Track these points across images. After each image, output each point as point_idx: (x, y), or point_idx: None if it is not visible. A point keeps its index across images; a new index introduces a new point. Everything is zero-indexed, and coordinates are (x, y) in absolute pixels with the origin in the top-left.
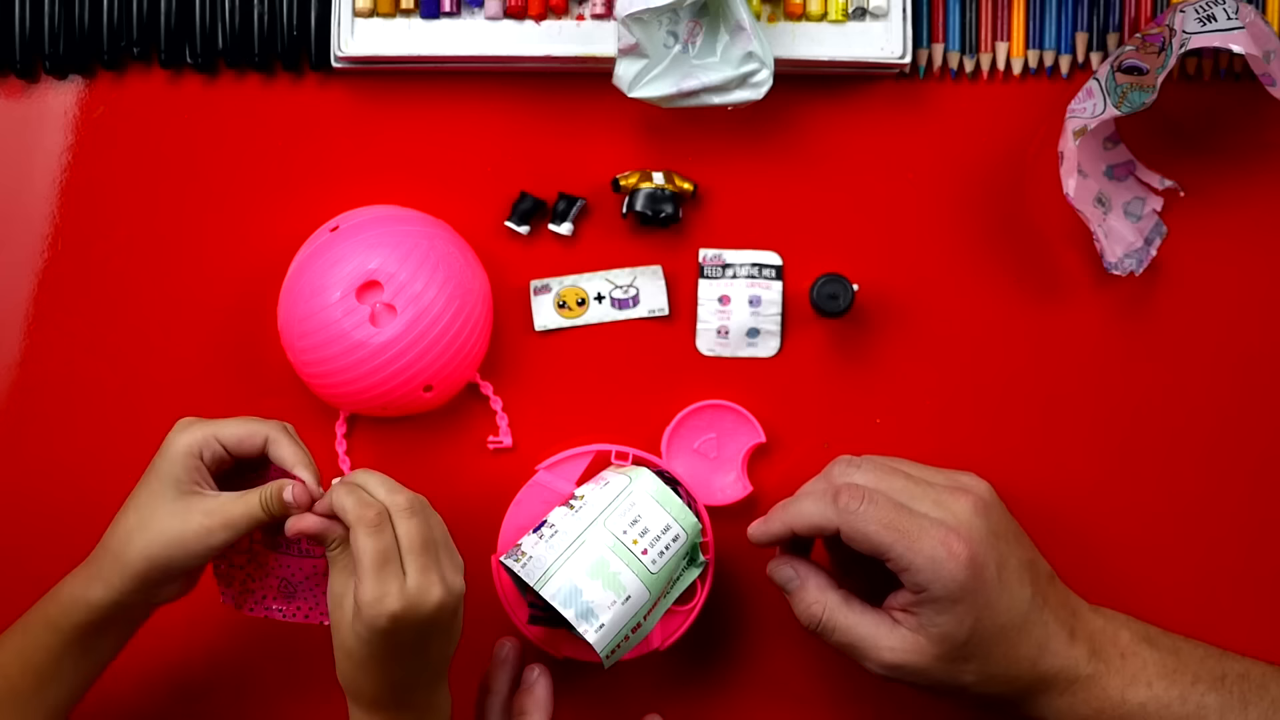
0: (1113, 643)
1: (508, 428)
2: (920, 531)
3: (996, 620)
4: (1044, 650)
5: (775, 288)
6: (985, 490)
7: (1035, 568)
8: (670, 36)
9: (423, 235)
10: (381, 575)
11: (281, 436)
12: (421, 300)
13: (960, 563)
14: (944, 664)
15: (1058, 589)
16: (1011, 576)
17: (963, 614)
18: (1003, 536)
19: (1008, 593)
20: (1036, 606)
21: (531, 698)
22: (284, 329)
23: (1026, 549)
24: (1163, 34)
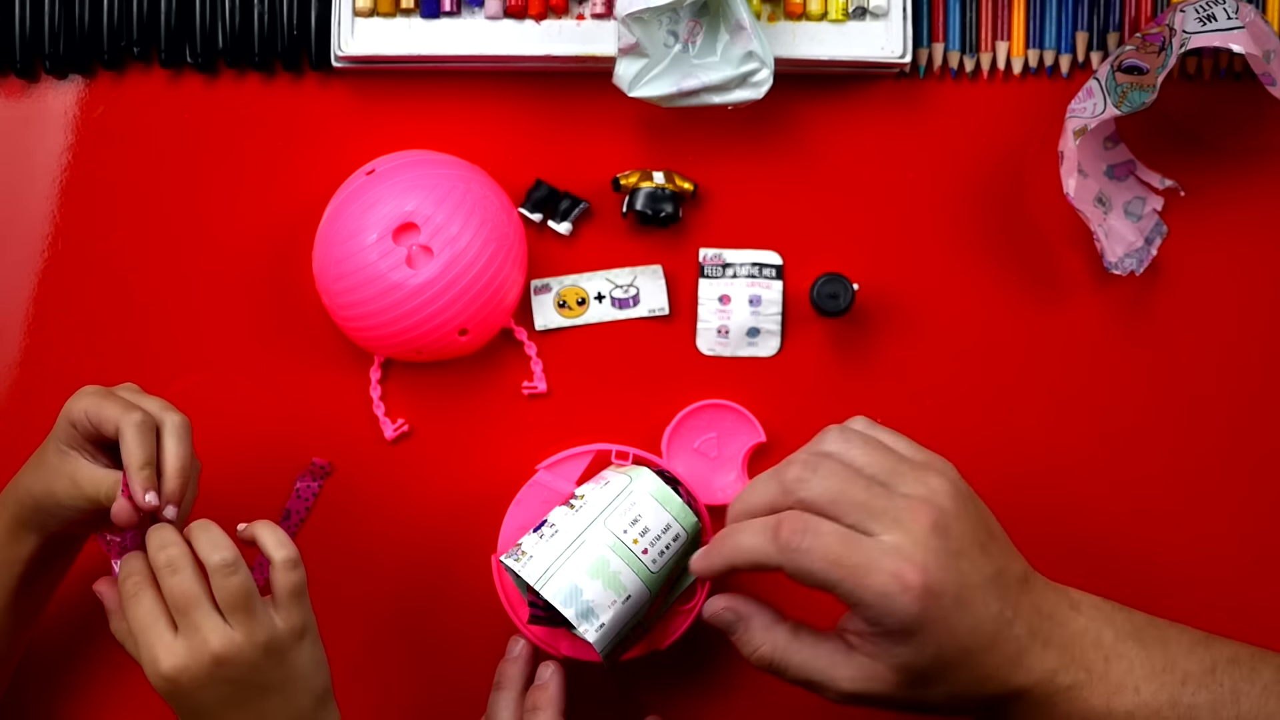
0: (1095, 646)
1: (542, 373)
2: (869, 564)
3: (959, 644)
4: (1017, 666)
5: (775, 287)
6: (947, 494)
7: (1003, 578)
8: (670, 36)
9: (459, 179)
10: (146, 639)
11: (129, 431)
12: (458, 243)
13: (914, 595)
14: (906, 690)
15: (1032, 594)
16: (975, 596)
17: (921, 644)
18: (964, 554)
19: (970, 614)
20: (1005, 622)
21: (544, 694)
22: (319, 272)
23: (993, 558)
24: (1163, 34)
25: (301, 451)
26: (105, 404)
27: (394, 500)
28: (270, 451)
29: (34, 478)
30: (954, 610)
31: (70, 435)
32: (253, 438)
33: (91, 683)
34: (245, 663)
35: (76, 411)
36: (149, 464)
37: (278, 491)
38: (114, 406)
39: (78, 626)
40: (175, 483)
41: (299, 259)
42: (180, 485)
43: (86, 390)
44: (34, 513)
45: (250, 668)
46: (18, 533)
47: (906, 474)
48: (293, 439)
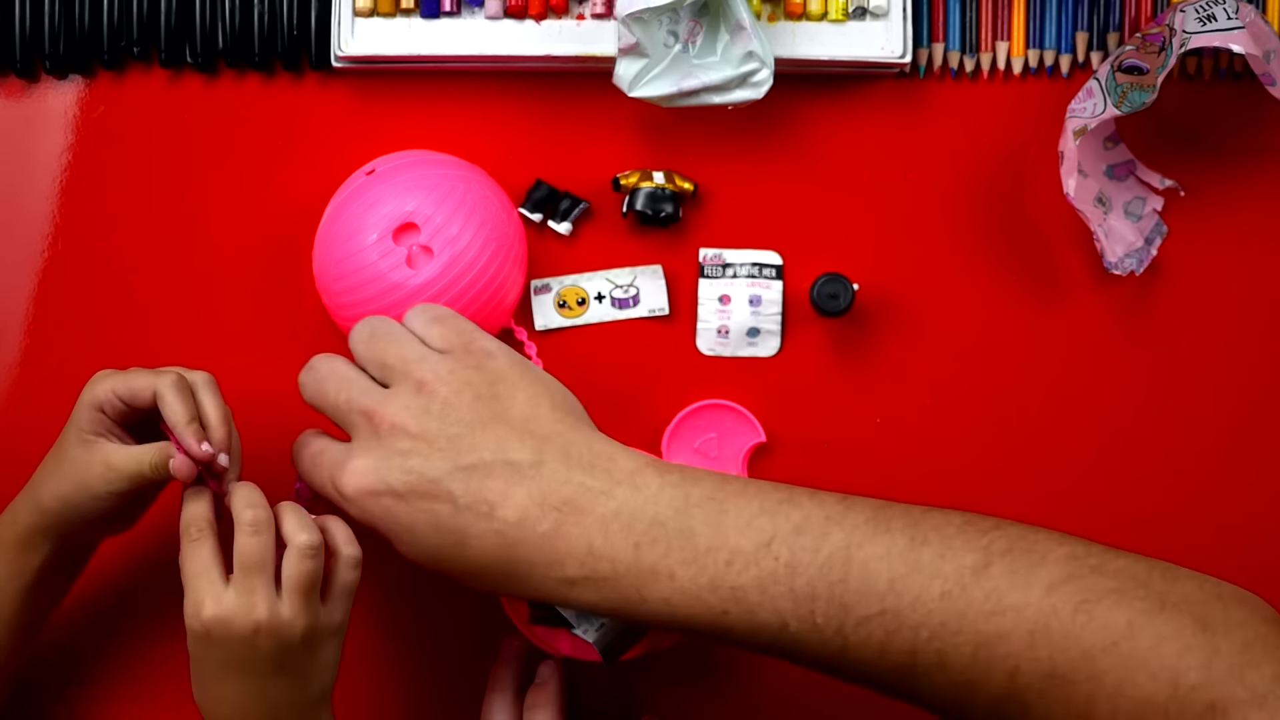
0: (625, 531)
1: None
2: (313, 463)
3: (427, 542)
4: (512, 558)
5: (775, 287)
6: (411, 396)
7: (486, 469)
8: (670, 36)
9: (459, 179)
10: (197, 584)
11: (168, 392)
12: (458, 243)
13: (351, 497)
14: (465, 584)
15: (540, 481)
16: (428, 489)
17: (401, 545)
18: (415, 453)
19: (423, 510)
20: (479, 515)
21: (544, 692)
22: (319, 272)
23: (472, 450)
24: (1163, 33)
25: None
26: (131, 377)
27: None
28: (271, 451)
29: (57, 479)
30: (400, 505)
31: (96, 421)
32: (253, 438)
33: (96, 688)
34: (280, 641)
35: (102, 392)
36: (194, 418)
37: (279, 492)
38: (142, 376)
39: (87, 630)
40: (222, 430)
41: (299, 259)
42: (226, 433)
43: (102, 374)
44: (57, 519)
45: (281, 646)
46: (33, 541)
47: (398, 374)
48: (294, 439)
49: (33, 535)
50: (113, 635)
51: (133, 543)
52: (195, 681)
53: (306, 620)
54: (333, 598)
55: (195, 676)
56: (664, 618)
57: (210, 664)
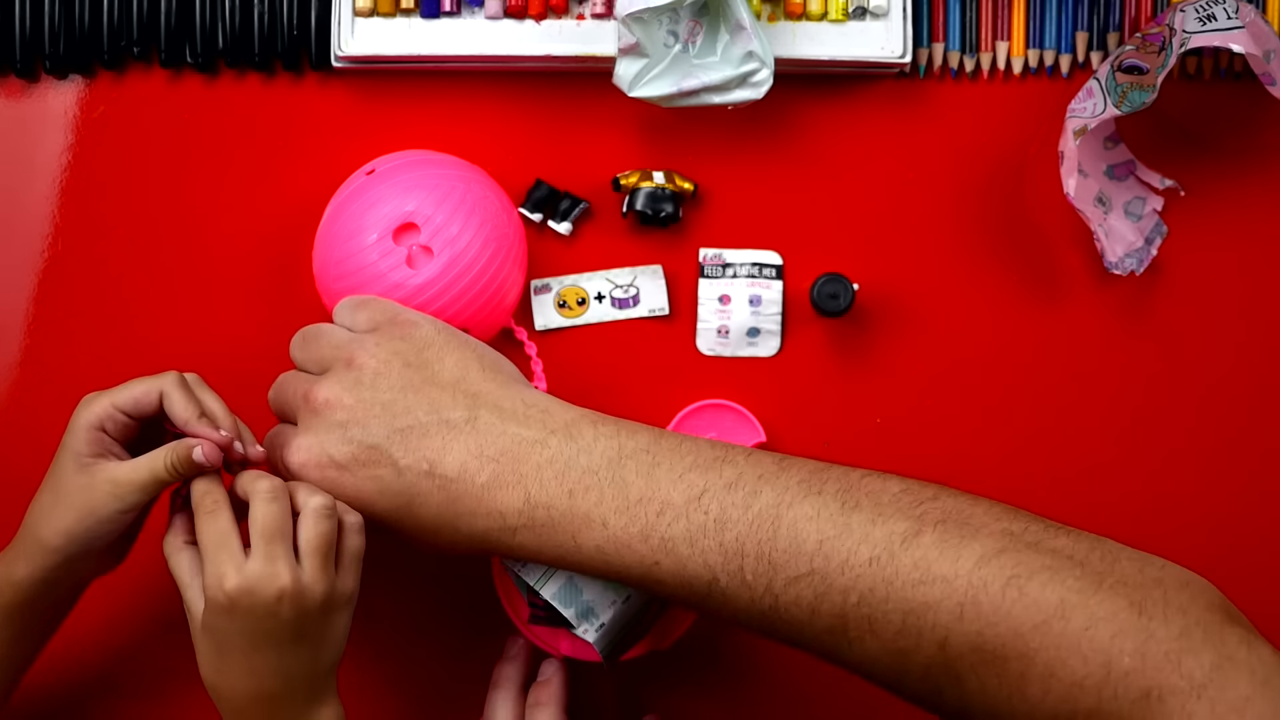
0: (559, 478)
1: (543, 372)
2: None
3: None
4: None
5: (775, 287)
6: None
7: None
8: (670, 36)
9: (459, 179)
10: (218, 556)
11: (174, 391)
12: (458, 243)
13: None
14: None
15: (477, 436)
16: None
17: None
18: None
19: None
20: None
21: (547, 690)
22: (320, 273)
23: (401, 415)
24: (1163, 33)
25: None
26: (128, 388)
27: None
28: None
29: (60, 513)
30: (345, 475)
31: (95, 441)
32: (255, 436)
33: (94, 687)
34: (302, 607)
35: (101, 409)
36: (203, 413)
37: None
38: (139, 384)
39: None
40: (229, 420)
41: (299, 259)
42: (233, 422)
43: (91, 396)
44: (62, 555)
45: (303, 613)
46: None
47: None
48: None
49: (33, 584)
50: (109, 634)
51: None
52: (209, 660)
53: (325, 585)
54: (343, 565)
55: (209, 654)
56: (597, 564)
57: (231, 637)
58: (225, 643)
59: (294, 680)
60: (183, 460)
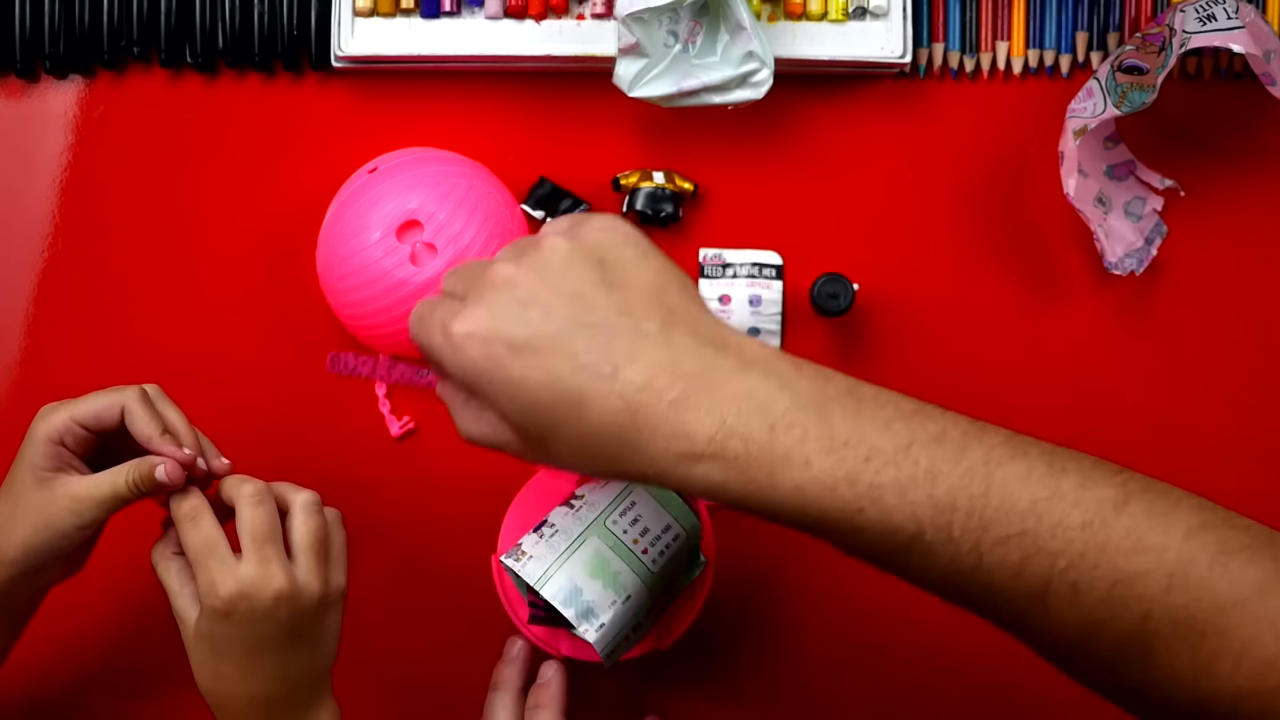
0: (760, 412)
1: None
2: (430, 322)
3: (540, 397)
4: (633, 425)
5: (775, 287)
6: (545, 251)
7: (602, 330)
8: (670, 36)
9: (461, 175)
10: (209, 563)
11: (136, 407)
12: (461, 239)
13: (453, 342)
14: (527, 448)
15: (671, 348)
16: (546, 345)
17: (492, 394)
18: (539, 304)
19: (540, 368)
20: (598, 376)
21: (547, 692)
22: (323, 271)
23: (595, 308)
24: (1163, 33)
25: (306, 450)
26: (87, 402)
27: (397, 499)
28: (276, 451)
29: (18, 527)
30: (515, 362)
31: (54, 455)
32: (257, 437)
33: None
34: (298, 606)
35: (60, 423)
36: (165, 429)
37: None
38: (99, 398)
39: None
40: (191, 436)
41: (302, 258)
42: (195, 438)
43: (48, 408)
44: (20, 568)
45: (300, 612)
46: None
47: (510, 249)
48: (299, 438)
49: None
50: (96, 637)
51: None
52: (206, 666)
53: (320, 582)
54: (332, 560)
55: (206, 661)
56: (792, 506)
57: (228, 643)
58: (222, 648)
59: (293, 682)
60: (145, 478)
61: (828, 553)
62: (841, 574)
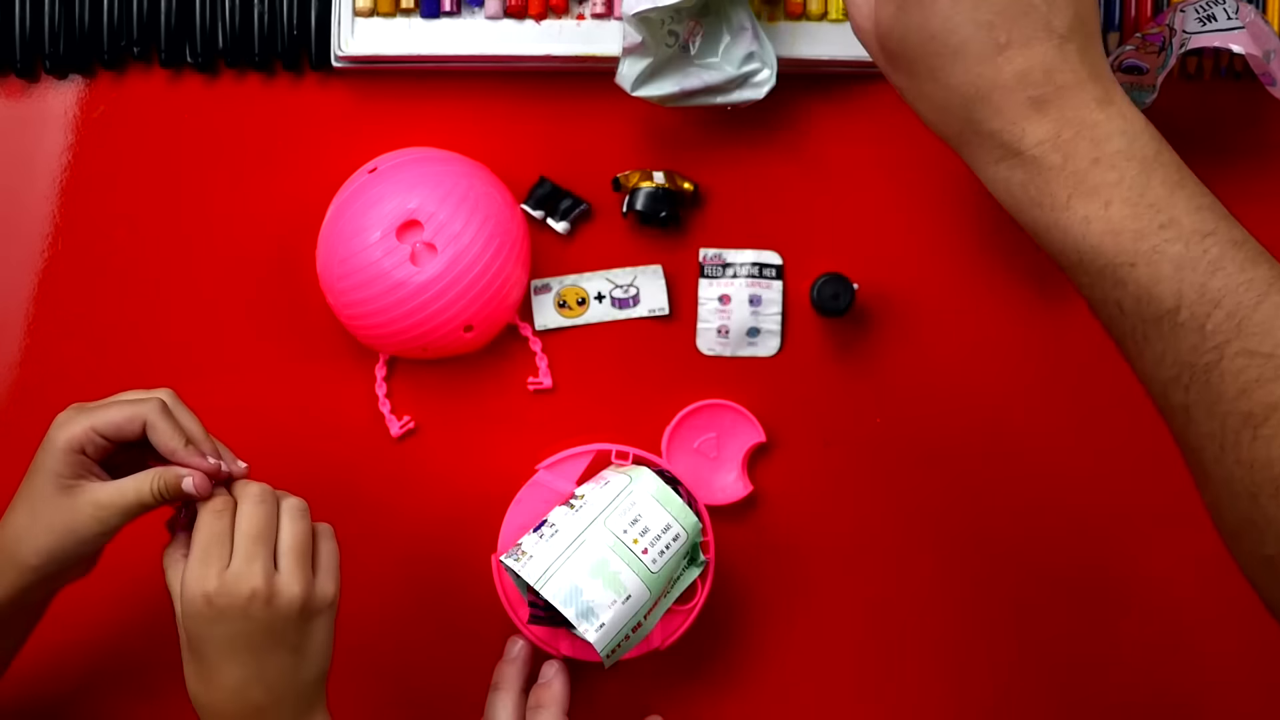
0: (1093, 143)
1: (547, 369)
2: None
3: (927, 25)
4: (983, 99)
5: (775, 287)
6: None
7: (1010, 8)
8: (670, 36)
9: (461, 175)
10: (204, 556)
11: (158, 420)
12: (462, 239)
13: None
14: (886, 63)
15: (1061, 52)
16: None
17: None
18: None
19: (942, 4)
20: (988, 41)
21: (549, 692)
22: (323, 271)
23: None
24: (1163, 34)
25: (306, 450)
26: (107, 412)
27: (397, 499)
28: (276, 451)
29: (40, 533)
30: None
31: (77, 464)
32: (258, 437)
33: (92, 684)
34: (275, 610)
35: (80, 433)
36: (187, 440)
37: (284, 484)
38: (120, 408)
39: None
40: (210, 444)
41: (302, 258)
42: (213, 445)
43: (68, 415)
44: (40, 574)
45: (277, 616)
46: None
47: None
48: (299, 438)
49: (9, 602)
50: (105, 632)
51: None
52: (191, 670)
53: (301, 586)
54: (321, 569)
55: (189, 661)
56: (1072, 234)
57: (206, 641)
58: (201, 645)
59: (276, 690)
60: (171, 488)
61: (828, 553)
62: (842, 574)
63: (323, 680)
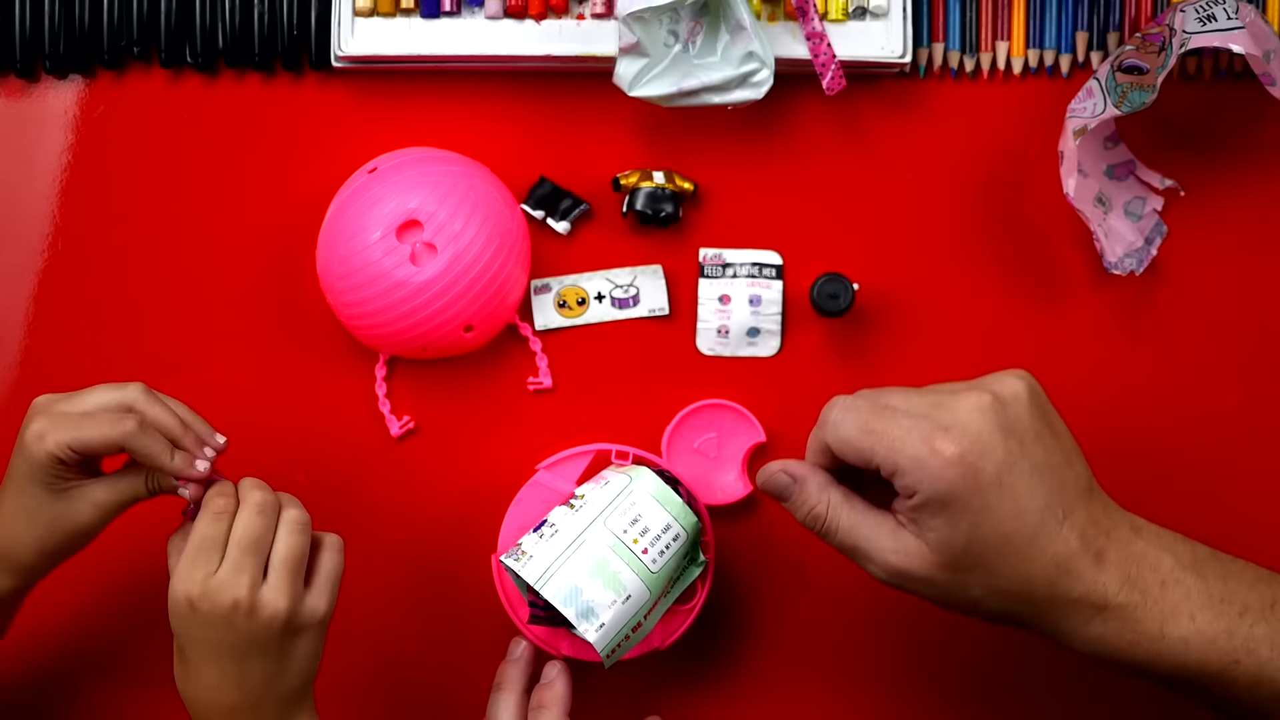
0: (1153, 569)
1: (547, 369)
2: (903, 432)
3: (999, 528)
4: (1064, 571)
5: (775, 287)
6: (1010, 386)
7: (1058, 474)
8: (670, 36)
9: (461, 175)
10: (194, 559)
11: (138, 440)
12: (462, 239)
13: (946, 460)
14: (947, 573)
15: (1091, 504)
16: (1019, 481)
17: (957, 518)
18: (1015, 435)
19: (1012, 499)
20: (1054, 519)
21: (550, 692)
22: (323, 271)
23: (1050, 452)
24: (1163, 33)
25: (305, 450)
26: (80, 429)
27: (397, 499)
28: (276, 451)
29: (38, 533)
30: (993, 488)
31: (62, 472)
32: (258, 437)
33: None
34: (257, 622)
35: (55, 449)
36: (171, 448)
37: (281, 485)
38: (96, 428)
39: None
40: (191, 435)
41: (302, 258)
42: (191, 432)
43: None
44: (35, 570)
45: (259, 628)
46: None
47: (965, 383)
48: (299, 438)
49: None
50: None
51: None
52: (177, 664)
53: (288, 601)
54: (317, 584)
55: (177, 657)
56: (1175, 656)
57: (188, 640)
58: (184, 646)
59: (255, 695)
60: (166, 485)
61: (828, 554)
62: (841, 575)
63: (308, 687)
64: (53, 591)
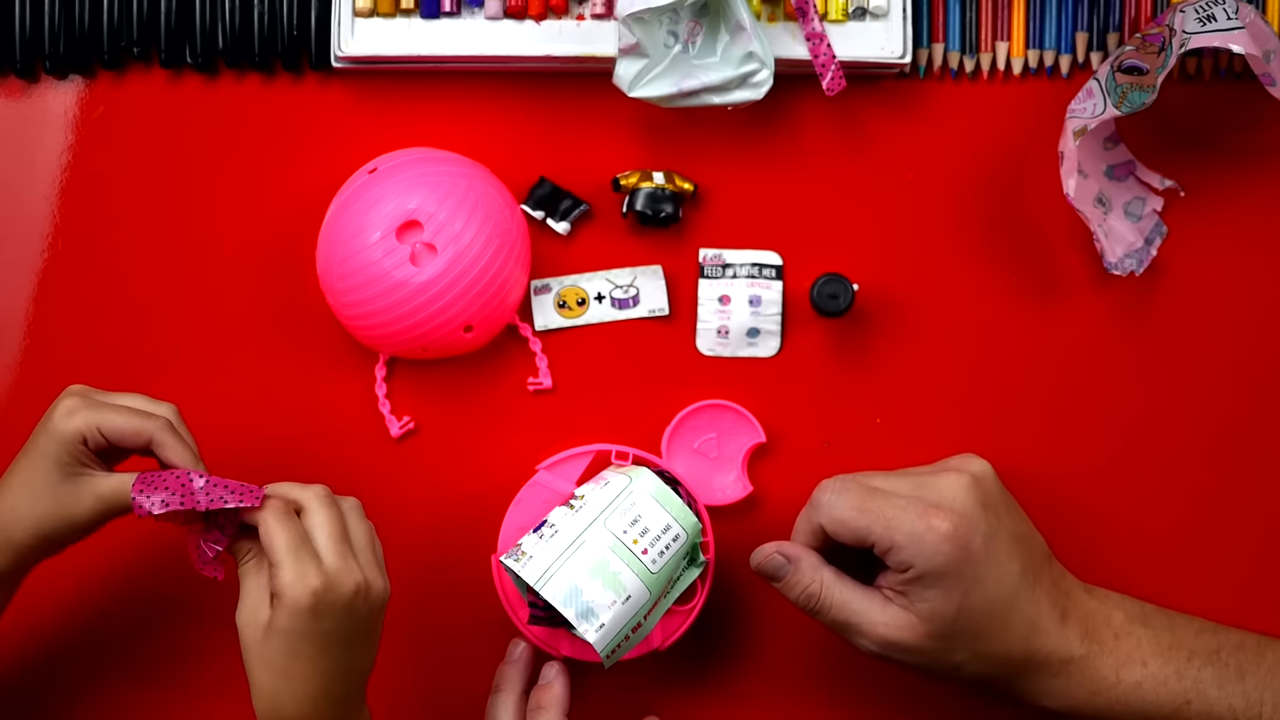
0: (1106, 623)
1: (547, 369)
2: (897, 511)
3: (986, 595)
4: (1035, 629)
5: (775, 288)
6: (979, 467)
7: (1027, 543)
8: (670, 36)
9: (461, 175)
10: (298, 557)
11: (168, 439)
12: (462, 240)
13: (941, 536)
14: (935, 641)
15: (1052, 568)
16: (1000, 551)
17: (950, 589)
18: (992, 509)
19: (995, 567)
20: (1028, 583)
21: (549, 693)
22: (323, 272)
23: (1019, 523)
24: (1163, 34)
25: (306, 450)
26: (114, 418)
27: (397, 499)
28: (276, 451)
29: (38, 514)
30: (981, 559)
31: (79, 454)
32: (258, 438)
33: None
34: (374, 602)
35: (85, 429)
36: (195, 457)
37: None
38: (127, 419)
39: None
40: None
41: (302, 258)
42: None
43: (74, 404)
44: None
45: (374, 609)
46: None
47: (931, 467)
48: (299, 438)
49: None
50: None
51: (131, 537)
52: (274, 668)
53: (383, 580)
54: (377, 566)
55: (274, 662)
56: (1130, 700)
57: (307, 639)
58: (299, 646)
59: (350, 682)
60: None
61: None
62: None
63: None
64: (53, 591)
